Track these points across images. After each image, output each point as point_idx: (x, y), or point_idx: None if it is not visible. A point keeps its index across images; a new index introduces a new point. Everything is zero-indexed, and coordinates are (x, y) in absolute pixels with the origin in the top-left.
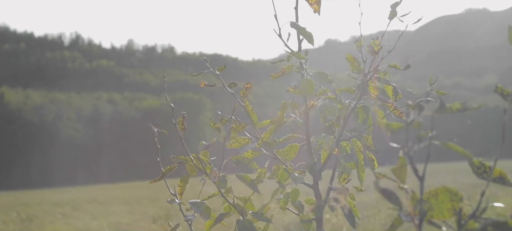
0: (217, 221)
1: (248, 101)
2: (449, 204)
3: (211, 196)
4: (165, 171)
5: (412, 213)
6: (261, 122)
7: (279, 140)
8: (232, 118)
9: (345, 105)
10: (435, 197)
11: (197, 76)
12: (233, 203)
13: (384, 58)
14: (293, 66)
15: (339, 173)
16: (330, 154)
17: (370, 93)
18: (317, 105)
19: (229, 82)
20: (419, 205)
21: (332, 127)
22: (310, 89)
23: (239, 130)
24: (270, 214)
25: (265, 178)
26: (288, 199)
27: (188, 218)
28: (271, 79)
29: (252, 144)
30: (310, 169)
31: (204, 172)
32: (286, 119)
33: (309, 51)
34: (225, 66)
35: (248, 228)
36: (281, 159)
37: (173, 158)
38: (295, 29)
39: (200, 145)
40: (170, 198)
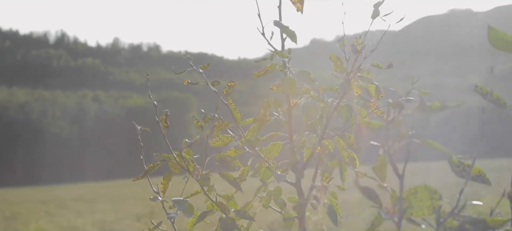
0: (199, 219)
1: (231, 100)
2: (428, 202)
3: (194, 194)
4: (148, 168)
5: (392, 211)
6: (245, 120)
7: (262, 138)
8: (215, 116)
9: (328, 104)
10: (414, 195)
11: (182, 75)
12: (215, 201)
13: (368, 57)
14: (276, 65)
15: (322, 172)
16: (313, 152)
17: (353, 92)
18: (300, 104)
19: (212, 81)
20: (398, 203)
21: (314, 125)
22: (293, 88)
23: (222, 128)
24: (252, 212)
25: (248, 176)
26: (271, 197)
27: (170, 216)
28: (254, 77)
29: (235, 142)
30: (293, 167)
31: (187, 170)
32: (269, 117)
33: (294, 51)
34: (209, 65)
35: (230, 225)
36: (264, 157)
37: (156, 156)
38: (279, 27)
39: (183, 143)
40: (153, 196)
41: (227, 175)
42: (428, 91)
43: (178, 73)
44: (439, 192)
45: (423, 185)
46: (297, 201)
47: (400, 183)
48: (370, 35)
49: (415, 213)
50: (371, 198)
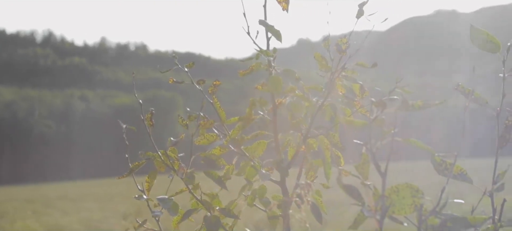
0: (184, 217)
1: (216, 99)
2: (410, 200)
3: (179, 192)
4: (133, 167)
5: (374, 209)
6: (230, 118)
7: (247, 137)
8: (200, 114)
9: (313, 103)
10: (396, 193)
11: (168, 74)
12: (200, 199)
13: (353, 57)
14: (262, 64)
15: (306, 170)
16: (297, 151)
17: (337, 91)
18: (285, 103)
19: (198, 80)
20: (381, 201)
21: (299, 124)
22: (278, 86)
23: (207, 127)
24: (237, 210)
25: (233, 175)
26: (256, 195)
27: (155, 214)
28: (240, 76)
29: (220, 140)
30: (278, 166)
31: (172, 168)
32: (254, 116)
33: (281, 50)
34: (194, 63)
35: (215, 224)
36: (248, 155)
37: (141, 154)
38: (264, 26)
39: (169, 141)
40: (138, 194)
41: (212, 174)
42: (413, 91)
43: (164, 72)
44: (421, 190)
45: (405, 183)
46: (282, 199)
47: (382, 181)
48: (356, 36)
49: (397, 211)
50: (354, 196)
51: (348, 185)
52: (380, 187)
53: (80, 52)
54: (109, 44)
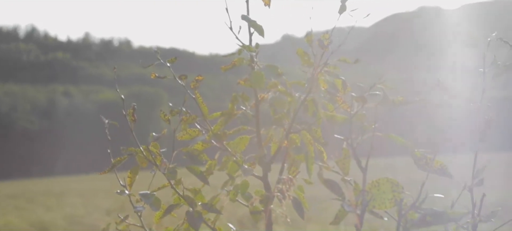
0: (166, 213)
1: (199, 94)
2: (390, 195)
3: (161, 188)
4: (115, 162)
5: (355, 204)
6: (213, 114)
7: (229, 132)
8: (182, 109)
9: (295, 98)
10: (377, 188)
11: (151, 69)
12: (182, 195)
13: (335, 52)
14: (244, 59)
15: (289, 166)
16: (280, 146)
17: (320, 87)
18: (267, 98)
19: (180, 75)
20: (361, 196)
21: (282, 119)
22: (260, 82)
23: (189, 122)
24: (220, 205)
25: (215, 170)
26: (238, 190)
27: (137, 209)
28: (222, 72)
29: (203, 135)
30: (260, 161)
31: (154, 163)
32: (236, 111)
33: (266, 46)
34: (176, 58)
35: (197, 219)
36: (231, 151)
37: (123, 150)
38: (246, 21)
39: (151, 136)
40: (120, 190)
41: (194, 169)
42: (395, 86)
43: (146, 67)
44: (401, 185)
45: (385, 178)
46: (264, 194)
47: (363, 176)
48: (339, 32)
49: (377, 206)
50: (335, 191)
51: (329, 180)
52: (362, 182)
53: (64, 47)
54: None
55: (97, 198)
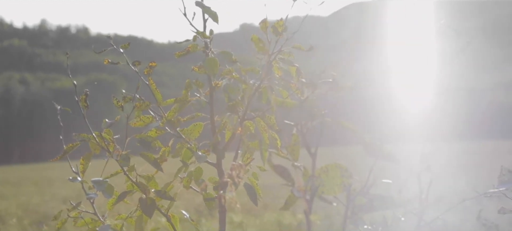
0: (119, 199)
1: (152, 80)
2: (339, 180)
3: (114, 174)
4: (67, 148)
5: (304, 189)
6: (167, 100)
7: (183, 119)
8: (136, 96)
9: (250, 85)
10: (326, 174)
11: (108, 57)
12: (136, 181)
13: (290, 39)
14: (198, 46)
15: (243, 152)
16: (234, 133)
17: (274, 74)
18: (221, 85)
19: (133, 61)
20: (310, 181)
21: (236, 106)
22: (214, 68)
23: (143, 109)
24: (173, 192)
25: (169, 157)
26: (192, 177)
27: (90, 196)
28: (176, 58)
29: (156, 122)
30: (214, 148)
31: (107, 150)
32: (190, 98)
33: (225, 35)
34: (129, 44)
35: (150, 206)
36: (185, 137)
37: (75, 136)
38: (200, 8)
39: (103, 123)
40: (73, 177)
41: (148, 156)
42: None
43: (99, 53)
44: (350, 170)
45: (334, 164)
46: (218, 181)
47: (312, 161)
48: (297, 20)
49: (326, 191)
50: (284, 176)
51: (278, 165)
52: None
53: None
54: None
55: (54, 186)
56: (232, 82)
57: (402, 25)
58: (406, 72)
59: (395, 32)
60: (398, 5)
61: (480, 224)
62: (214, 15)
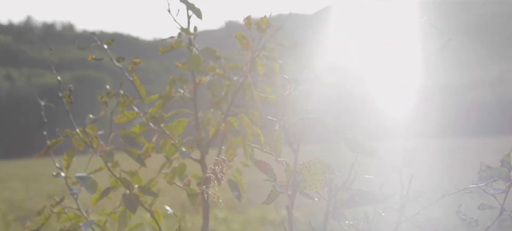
0: (103, 195)
1: (136, 76)
2: (321, 176)
3: (98, 170)
4: (50, 144)
5: (286, 184)
6: (151, 96)
7: (167, 115)
8: (120, 92)
9: (233, 82)
10: (308, 169)
11: (93, 53)
12: (119, 177)
13: (274, 36)
14: (182, 42)
15: (226, 148)
16: (218, 129)
17: (257, 70)
18: (205, 81)
19: (117, 57)
20: (292, 177)
21: (220, 102)
22: (198, 64)
23: (127, 104)
24: (157, 188)
25: (153, 153)
26: (175, 173)
27: (73, 192)
28: (160, 54)
29: (140, 118)
30: (198, 144)
31: (91, 146)
32: (174, 94)
33: (210, 32)
34: (113, 40)
35: (134, 201)
36: (169, 133)
37: (59, 132)
38: (184, 4)
39: (87, 119)
40: (56, 172)
41: (132, 151)
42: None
43: (82, 49)
44: (332, 165)
45: (316, 159)
46: (201, 177)
47: (294, 157)
48: (282, 18)
49: (308, 187)
50: (266, 172)
51: (261, 161)
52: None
53: (5, 30)
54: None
55: (39, 182)
56: (216, 79)
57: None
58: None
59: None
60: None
61: (460, 219)
62: (198, 12)
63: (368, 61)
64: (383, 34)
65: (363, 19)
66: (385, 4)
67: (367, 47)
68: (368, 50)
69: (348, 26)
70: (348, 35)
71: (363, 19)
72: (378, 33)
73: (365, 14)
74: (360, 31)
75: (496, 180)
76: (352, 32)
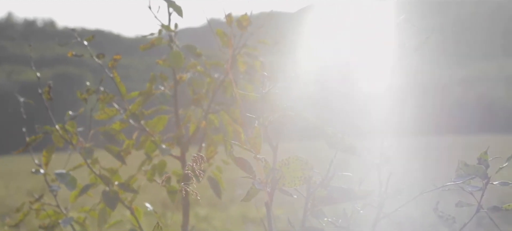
0: (82, 192)
1: (116, 73)
2: (300, 173)
3: (77, 167)
4: (29, 141)
5: (265, 181)
6: (131, 93)
7: (147, 112)
8: (100, 89)
9: (214, 79)
10: (287, 166)
11: (74, 50)
12: (99, 174)
13: (255, 34)
14: (163, 39)
15: (207, 146)
16: (198, 126)
17: (238, 68)
18: (186, 79)
19: (97, 53)
20: (271, 174)
21: (200, 100)
22: (179, 61)
23: (107, 101)
24: (137, 185)
25: (133, 150)
26: (156, 170)
27: (52, 189)
28: (141, 51)
29: (120, 115)
30: (178, 141)
31: (70, 142)
32: (155, 91)
33: (192, 29)
34: (94, 36)
35: (113, 198)
36: (149, 130)
37: (38, 128)
38: (165, 1)
39: (67, 115)
40: (35, 169)
41: (112, 148)
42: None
43: (62, 45)
44: (311, 162)
45: (295, 156)
46: (181, 174)
47: (273, 154)
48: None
49: (287, 184)
50: (245, 169)
51: (240, 158)
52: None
53: None
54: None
55: (19, 179)
56: (197, 76)
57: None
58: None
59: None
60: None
61: (437, 217)
62: (178, 9)
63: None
64: (363, 32)
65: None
66: (364, 3)
67: (347, 45)
68: (348, 49)
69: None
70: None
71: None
72: (357, 32)
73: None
74: (340, 30)
75: (474, 178)
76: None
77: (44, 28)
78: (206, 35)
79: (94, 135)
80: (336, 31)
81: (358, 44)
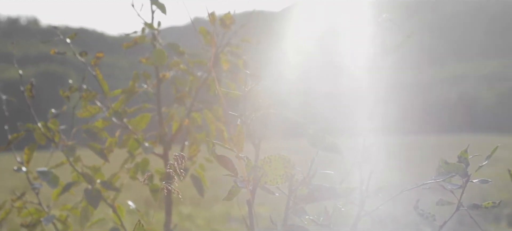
0: (64, 190)
1: (99, 70)
2: (282, 171)
3: (59, 165)
4: (12, 138)
5: (247, 179)
6: (114, 91)
7: (130, 110)
8: (83, 86)
9: (197, 77)
10: (269, 164)
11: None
12: (81, 172)
13: (237, 33)
14: (146, 37)
15: (190, 144)
16: (181, 124)
17: (221, 66)
18: (169, 77)
19: (80, 51)
20: (253, 172)
21: (183, 98)
22: (162, 59)
23: (89, 99)
24: (119, 183)
25: (116, 148)
26: (138, 168)
27: (34, 187)
28: (124, 49)
29: (103, 113)
30: (161, 139)
31: (52, 140)
32: (137, 89)
33: (177, 28)
34: (76, 34)
35: (96, 196)
36: (132, 128)
37: (20, 126)
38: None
39: (49, 113)
40: (18, 167)
41: (94, 146)
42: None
43: (45, 43)
44: (292, 161)
45: (277, 155)
46: (164, 173)
47: (255, 152)
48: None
49: (269, 181)
50: (227, 167)
51: (222, 156)
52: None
53: None
54: None
55: (1, 177)
56: (180, 74)
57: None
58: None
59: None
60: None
61: (418, 215)
62: (162, 7)
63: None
64: (345, 32)
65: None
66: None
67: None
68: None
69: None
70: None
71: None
72: (340, 31)
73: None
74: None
75: (454, 176)
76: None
77: (27, 26)
78: (190, 34)
79: (76, 132)
80: (319, 30)
81: (340, 43)
